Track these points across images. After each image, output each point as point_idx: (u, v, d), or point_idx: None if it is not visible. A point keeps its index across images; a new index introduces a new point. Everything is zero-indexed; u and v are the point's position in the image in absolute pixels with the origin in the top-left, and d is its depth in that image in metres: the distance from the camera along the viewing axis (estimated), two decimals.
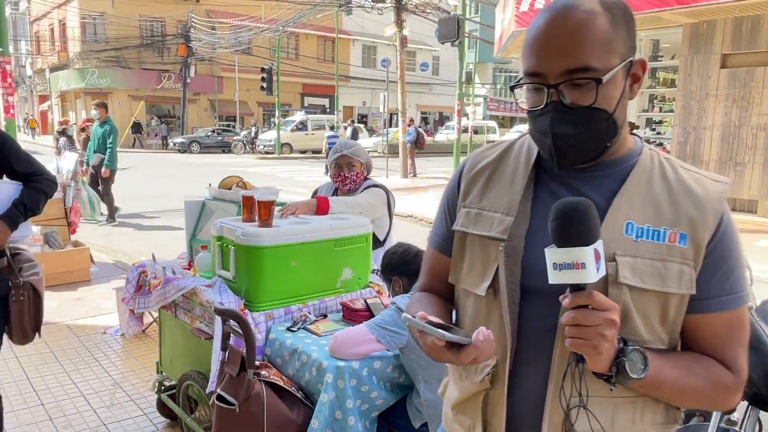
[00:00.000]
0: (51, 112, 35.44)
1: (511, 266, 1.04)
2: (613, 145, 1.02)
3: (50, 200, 5.82)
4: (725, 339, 1.04)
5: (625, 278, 0.97)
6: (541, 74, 0.97)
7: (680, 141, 11.80)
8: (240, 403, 2.02)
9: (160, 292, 2.73)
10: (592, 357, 0.91)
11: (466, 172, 1.18)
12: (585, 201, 0.90)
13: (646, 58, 8.12)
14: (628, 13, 1.00)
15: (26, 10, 37.47)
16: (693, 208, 1.01)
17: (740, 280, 1.03)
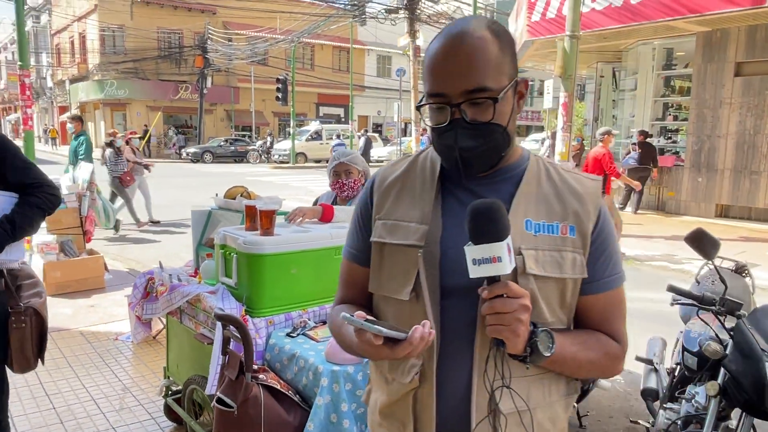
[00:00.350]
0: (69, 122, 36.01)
1: (430, 270, 1.12)
2: (507, 154, 1.16)
3: (66, 209, 5.99)
4: (610, 314, 1.20)
5: (531, 269, 1.09)
6: (444, 95, 1.08)
7: (694, 149, 11.75)
8: (238, 406, 2.09)
9: (167, 299, 2.81)
10: (511, 340, 1.02)
11: (377, 187, 1.26)
12: (496, 201, 1.02)
13: (659, 67, 8.18)
14: (511, 39, 1.14)
15: (47, 24, 38.25)
16: (577, 203, 1.16)
17: (618, 262, 1.20)
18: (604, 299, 1.18)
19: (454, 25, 1.10)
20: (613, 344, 1.19)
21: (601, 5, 11.32)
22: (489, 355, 1.09)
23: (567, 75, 9.72)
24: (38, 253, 5.77)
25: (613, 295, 1.19)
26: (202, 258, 3.07)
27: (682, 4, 10.23)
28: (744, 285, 3.43)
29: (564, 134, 9.93)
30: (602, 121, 16.66)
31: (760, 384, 2.20)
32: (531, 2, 12.87)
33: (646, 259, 7.99)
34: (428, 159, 1.24)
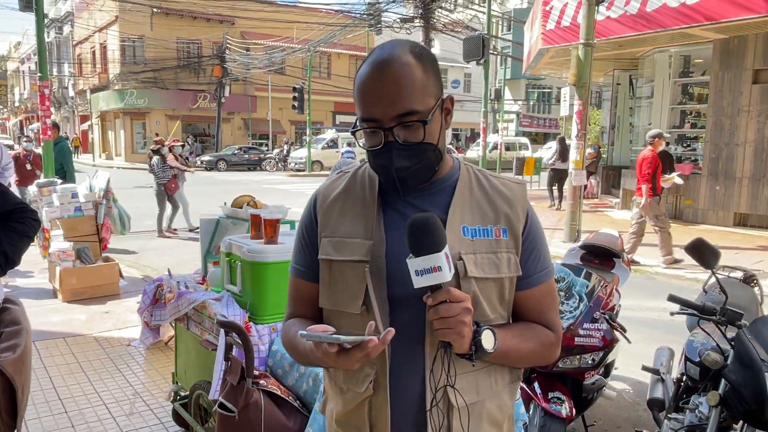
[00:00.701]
0: (91, 131, 36.63)
1: (378, 283, 1.18)
2: (440, 167, 1.24)
3: (82, 217, 6.11)
4: (543, 306, 1.29)
5: (471, 272, 1.17)
6: (376, 119, 1.14)
7: (712, 157, 11.62)
8: (239, 411, 2.13)
9: (174, 305, 2.88)
10: (457, 341, 1.09)
11: (320, 204, 1.30)
12: (432, 215, 1.08)
13: (676, 75, 8.13)
14: (433, 58, 1.20)
15: (69, 34, 38.98)
16: (507, 207, 1.24)
17: (547, 257, 1.30)
18: (537, 293, 1.27)
19: (379, 53, 1.15)
20: (548, 333, 1.28)
21: (616, 13, 11.29)
22: (436, 356, 1.16)
23: (581, 83, 9.72)
24: (55, 259, 5.88)
25: (545, 288, 1.28)
26: (210, 266, 3.12)
27: (698, 11, 10.16)
28: (752, 295, 3.40)
29: (578, 142, 9.92)
30: (619, 129, 16.56)
31: (760, 394, 2.19)
32: (546, 11, 12.88)
33: (662, 269, 7.91)
34: (366, 175, 1.29)
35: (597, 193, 16.62)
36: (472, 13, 24.35)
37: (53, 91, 42.10)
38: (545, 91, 45.69)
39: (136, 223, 10.73)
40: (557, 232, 10.74)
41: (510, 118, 43.65)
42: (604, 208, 14.23)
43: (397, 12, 21.04)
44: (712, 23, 10.10)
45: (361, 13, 21.48)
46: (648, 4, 10.71)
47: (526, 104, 45.88)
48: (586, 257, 4.05)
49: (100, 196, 6.34)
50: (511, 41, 30.36)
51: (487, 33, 11.98)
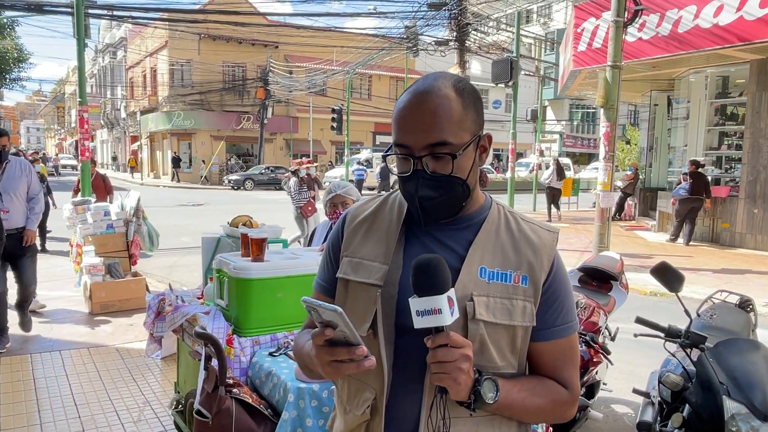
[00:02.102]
0: (141, 151, 38.06)
1: (387, 309, 1.18)
2: (468, 204, 1.23)
3: (114, 234, 6.45)
4: (561, 362, 1.24)
5: (481, 315, 1.15)
6: (407, 146, 1.16)
7: (749, 180, 11.34)
8: (212, 416, 2.29)
9: (171, 318, 3.07)
10: (452, 388, 1.07)
11: (348, 224, 1.33)
12: (436, 257, 1.07)
13: (712, 95, 8.11)
14: (477, 96, 1.20)
15: (122, 59, 40.79)
16: (531, 254, 1.21)
17: (570, 312, 1.25)
18: (554, 347, 1.22)
19: (422, 82, 1.17)
20: (562, 391, 1.23)
21: (648, 35, 11.23)
22: (433, 401, 1.14)
23: (608, 105, 9.68)
24: (86, 274, 6.22)
25: (564, 344, 1.23)
26: (210, 282, 3.32)
27: (731, 32, 10.03)
28: (746, 320, 3.38)
29: (606, 164, 9.85)
30: (657, 151, 16.30)
31: (718, 417, 2.22)
32: (577, 32, 12.89)
33: (688, 293, 7.75)
34: (397, 201, 1.30)
35: (635, 215, 16.36)
36: (508, 35, 24.42)
37: (107, 113, 44.08)
38: (589, 111, 45.13)
39: (173, 240, 11.22)
40: (586, 254, 10.64)
41: (553, 138, 43.24)
42: (639, 231, 14.00)
43: (432, 35, 21.32)
44: (746, 44, 9.94)
45: (399, 36, 21.83)
46: (680, 26, 10.63)
47: (570, 124, 45.36)
48: (584, 279, 4.09)
49: (130, 214, 6.67)
50: (552, 63, 30.28)
51: (516, 55, 12.03)
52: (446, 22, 17.39)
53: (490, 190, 22.14)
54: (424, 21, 19.06)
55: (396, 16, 20.81)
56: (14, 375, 4.51)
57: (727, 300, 3.59)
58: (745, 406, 2.19)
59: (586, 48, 12.65)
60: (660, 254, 10.55)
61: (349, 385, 1.27)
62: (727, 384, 2.26)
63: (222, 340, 2.58)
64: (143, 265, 8.52)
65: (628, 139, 34.79)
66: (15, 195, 5.03)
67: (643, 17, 10.46)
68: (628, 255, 10.07)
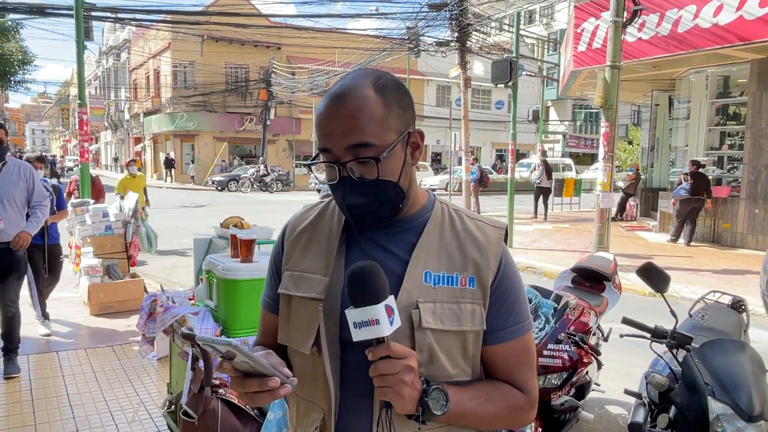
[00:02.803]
0: (144, 152, 38.17)
1: (330, 324, 1.11)
2: (405, 205, 1.16)
3: (112, 235, 6.47)
4: (515, 365, 1.18)
5: (427, 323, 1.09)
6: (330, 150, 1.09)
7: (750, 180, 11.31)
8: (198, 417, 2.30)
9: (161, 319, 3.09)
10: (397, 402, 1.01)
11: (288, 235, 1.26)
12: (371, 264, 1.01)
13: (713, 95, 8.03)
14: (402, 91, 1.14)
15: (126, 61, 40.93)
16: (477, 254, 1.15)
17: (522, 311, 1.18)
18: (507, 349, 1.17)
19: (340, 84, 1.11)
20: (519, 396, 1.17)
21: (648, 35, 11.21)
22: (379, 416, 1.08)
23: (608, 105, 9.67)
24: (85, 275, 6.25)
25: (517, 345, 1.17)
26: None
27: (731, 32, 10.01)
28: (737, 321, 3.38)
29: (605, 164, 9.84)
30: (658, 151, 16.26)
31: (703, 418, 2.23)
32: (577, 33, 12.87)
33: (687, 293, 7.75)
34: (337, 208, 1.22)
35: (636, 215, 16.33)
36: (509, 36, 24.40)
37: (110, 115, 44.22)
38: (592, 111, 45.06)
39: (174, 241, 11.25)
40: (585, 254, 10.62)
41: (556, 139, 43.19)
42: (641, 231, 13.97)
43: (433, 36, 21.35)
44: (746, 43, 9.92)
45: (401, 37, 21.83)
46: (680, 25, 10.61)
47: (573, 125, 45.31)
48: (577, 280, 4.09)
49: (129, 215, 6.70)
50: (554, 63, 30.26)
51: (515, 56, 12.02)
52: (447, 22, 17.37)
53: (492, 191, 22.12)
54: (426, 22, 19.05)
55: (397, 17, 20.81)
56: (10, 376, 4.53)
57: (719, 300, 3.59)
58: (730, 406, 2.19)
59: (586, 48, 12.64)
60: (661, 255, 10.53)
61: (297, 405, 1.22)
62: (712, 385, 2.26)
63: None
64: (143, 266, 8.56)
65: (631, 139, 34.73)
66: (10, 203, 4.36)
67: (643, 17, 10.44)
68: (629, 255, 10.05)
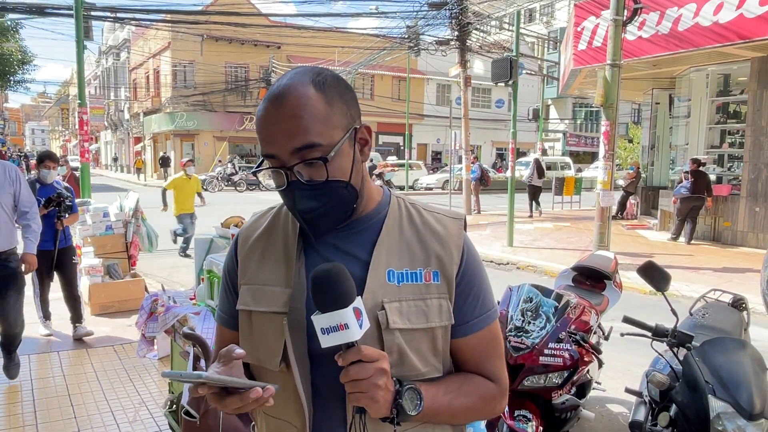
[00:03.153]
0: (144, 152, 38.15)
1: (296, 338, 1.07)
2: (360, 205, 1.12)
3: (113, 235, 6.47)
4: (484, 355, 1.17)
5: (395, 323, 1.06)
6: (275, 156, 1.04)
7: (751, 178, 11.31)
8: (200, 416, 2.30)
9: (162, 318, 3.09)
10: (371, 407, 0.98)
11: (240, 247, 1.20)
12: (335, 267, 0.97)
13: (713, 93, 7.98)
14: (343, 86, 1.08)
15: (126, 60, 40.93)
16: (439, 247, 1.12)
17: (487, 300, 1.17)
18: (475, 340, 1.15)
19: (276, 85, 1.06)
20: (489, 386, 1.16)
21: (648, 33, 11.21)
22: (352, 422, 1.05)
23: (608, 103, 9.67)
24: (85, 275, 6.25)
25: (485, 335, 1.16)
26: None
27: (731, 30, 10.00)
28: (738, 319, 3.38)
29: (606, 163, 9.84)
30: (658, 149, 16.26)
31: (704, 416, 2.23)
32: (577, 31, 12.87)
33: (687, 292, 7.75)
34: (290, 213, 1.16)
35: (636, 213, 16.33)
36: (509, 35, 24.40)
37: (110, 114, 44.21)
38: (592, 109, 45.05)
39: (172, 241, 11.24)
40: (586, 253, 10.62)
41: (556, 137, 43.16)
42: (641, 230, 13.97)
43: (433, 35, 21.35)
44: (746, 42, 9.91)
45: (401, 36, 21.84)
46: (680, 24, 10.60)
47: (573, 123, 45.29)
48: (578, 279, 4.10)
49: (129, 215, 6.70)
50: (554, 62, 30.25)
51: (515, 55, 12.02)
52: (447, 21, 17.37)
53: (492, 190, 22.12)
54: (426, 21, 19.06)
55: (397, 15, 20.81)
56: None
57: (720, 299, 3.59)
58: (731, 405, 2.20)
59: (587, 47, 12.64)
60: (661, 253, 10.53)
61: (267, 424, 1.16)
62: (713, 383, 2.26)
63: (210, 341, 2.59)
64: (144, 266, 8.56)
65: (631, 137, 34.72)
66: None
67: (643, 15, 10.44)
68: (629, 254, 10.06)
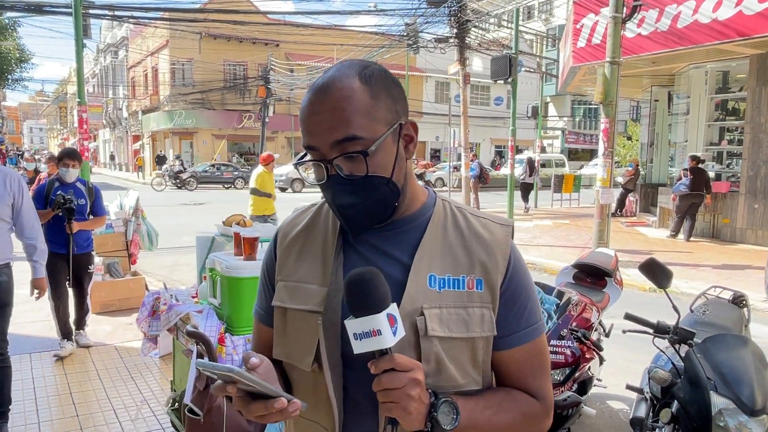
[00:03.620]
0: (143, 150, 38.09)
1: (329, 338, 1.04)
2: (402, 204, 1.08)
3: (113, 234, 6.45)
4: (528, 370, 1.11)
5: (434, 330, 1.01)
6: (316, 148, 1.02)
7: (749, 175, 11.33)
8: (204, 414, 2.31)
9: (165, 317, 3.10)
10: (403, 418, 0.93)
11: (280, 242, 1.18)
12: (370, 270, 0.94)
13: (712, 91, 8.00)
14: (390, 81, 1.06)
15: (124, 59, 40.86)
16: (484, 254, 1.07)
17: (533, 313, 1.11)
18: (520, 354, 1.10)
19: (322, 77, 1.04)
20: (533, 403, 1.10)
21: (647, 30, 11.21)
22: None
23: (607, 101, 9.68)
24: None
25: (530, 349, 1.10)
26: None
27: (731, 27, 10.01)
28: (739, 316, 3.40)
29: (605, 160, 9.85)
30: (657, 146, 16.28)
31: (705, 412, 2.24)
32: (576, 29, 12.86)
33: (687, 289, 7.76)
34: (330, 210, 1.14)
35: (635, 211, 16.35)
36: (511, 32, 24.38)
37: (109, 112, 44.14)
38: (591, 107, 45.07)
39: (173, 239, 11.23)
40: (585, 251, 10.63)
41: (555, 135, 43.18)
42: (640, 227, 13.98)
43: (432, 32, 21.32)
44: (745, 39, 9.92)
45: (399, 33, 21.81)
46: (679, 21, 10.61)
47: (572, 120, 45.31)
48: (579, 276, 4.11)
49: (129, 213, 6.70)
50: (553, 59, 30.28)
51: (515, 52, 12.02)
52: (446, 19, 17.36)
53: (491, 187, 22.12)
54: (424, 18, 19.04)
55: (396, 13, 20.80)
56: (13, 374, 4.53)
57: (720, 296, 3.60)
58: (732, 401, 2.21)
59: (586, 44, 12.64)
60: (660, 250, 10.54)
61: (295, 425, 1.14)
62: (715, 379, 2.27)
63: (214, 339, 2.60)
64: (143, 264, 8.56)
65: (630, 135, 34.75)
66: None
67: (642, 13, 10.44)
68: (628, 251, 10.07)
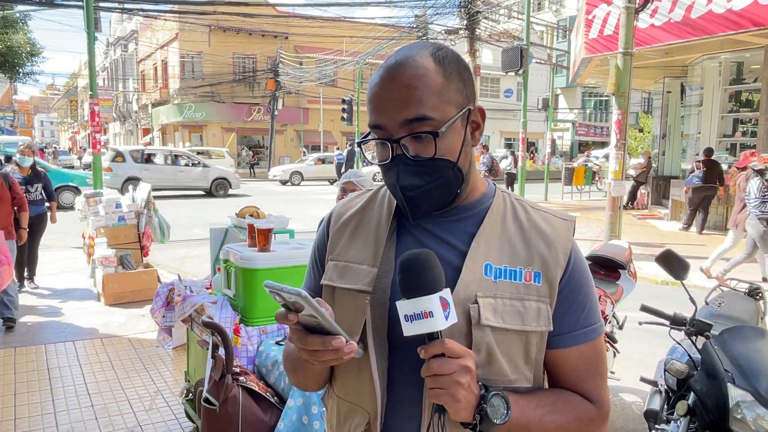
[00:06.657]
0: (152, 143, 38.27)
1: (377, 319, 1.03)
2: (464, 191, 1.06)
3: (125, 226, 6.50)
4: (584, 372, 1.07)
5: (487, 319, 0.99)
6: (383, 126, 1.00)
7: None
8: (220, 404, 2.32)
9: (180, 308, 3.11)
10: (451, 406, 0.91)
11: (333, 223, 1.18)
12: (425, 252, 0.94)
13: (726, 82, 7.91)
14: (462, 65, 1.04)
15: (134, 52, 40.97)
16: (544, 247, 1.05)
17: (593, 313, 1.07)
18: (575, 354, 1.06)
19: (396, 55, 1.02)
20: (588, 406, 1.06)
21: (660, 21, 11.09)
22: (430, 422, 0.98)
23: (620, 92, 9.59)
24: (99, 266, 6.29)
25: (587, 350, 1.06)
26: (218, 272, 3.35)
27: (745, 17, 9.88)
28: (754, 308, 3.37)
29: (617, 152, 9.78)
30: (670, 138, 16.14)
31: (723, 404, 2.22)
32: (588, 20, 12.75)
33: (701, 281, 7.72)
34: (387, 194, 1.14)
35: (647, 203, 16.24)
36: (521, 23, 24.21)
37: (119, 106, 44.31)
38: (602, 99, 44.73)
39: (182, 232, 11.29)
40: (597, 243, 10.59)
41: (566, 127, 42.92)
42: (652, 219, 13.89)
43: (442, 24, 21.22)
44: (760, 29, 9.79)
45: (409, 25, 21.73)
46: (693, 11, 10.48)
47: (583, 112, 45.00)
48: (592, 268, 4.08)
49: (141, 206, 6.73)
50: (564, 50, 30.05)
51: (526, 43, 11.94)
52: (456, 10, 17.27)
53: (502, 179, 22.02)
54: (434, 10, 18.97)
55: (406, 5, 20.71)
56: (29, 365, 4.59)
57: (736, 288, 3.57)
58: (750, 393, 2.19)
59: (598, 35, 12.53)
60: (673, 243, 10.48)
61: (338, 407, 1.13)
62: (732, 371, 2.25)
63: (229, 329, 2.61)
64: (155, 257, 8.61)
65: (641, 127, 34.47)
66: None
67: (655, 3, 10.33)
68: (641, 244, 10.01)
